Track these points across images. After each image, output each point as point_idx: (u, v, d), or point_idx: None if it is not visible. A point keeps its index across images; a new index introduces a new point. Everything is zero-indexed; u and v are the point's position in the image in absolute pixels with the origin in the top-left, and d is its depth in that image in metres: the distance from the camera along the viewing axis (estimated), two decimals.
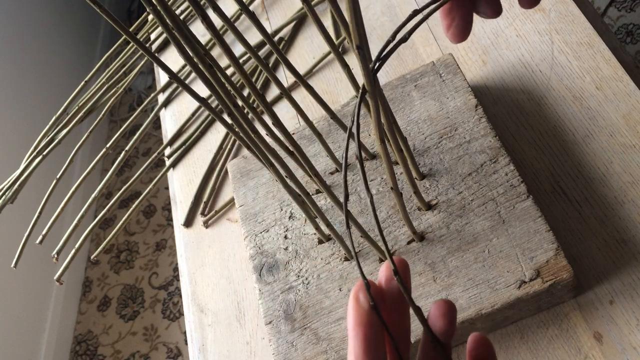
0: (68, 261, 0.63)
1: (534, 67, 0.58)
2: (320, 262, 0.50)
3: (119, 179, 2.01)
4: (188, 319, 0.60)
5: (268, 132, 0.42)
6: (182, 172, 0.71)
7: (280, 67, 0.74)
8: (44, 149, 0.73)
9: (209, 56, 0.35)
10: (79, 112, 0.76)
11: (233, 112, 0.37)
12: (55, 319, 1.70)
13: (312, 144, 0.57)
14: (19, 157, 0.77)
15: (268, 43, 0.41)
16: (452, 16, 0.34)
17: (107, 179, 0.69)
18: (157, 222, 1.87)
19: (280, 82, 0.43)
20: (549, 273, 0.43)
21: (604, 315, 0.45)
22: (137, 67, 0.81)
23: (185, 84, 0.39)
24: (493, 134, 0.50)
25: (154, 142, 2.05)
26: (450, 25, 0.35)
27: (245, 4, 0.42)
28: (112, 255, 1.85)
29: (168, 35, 0.32)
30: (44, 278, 1.66)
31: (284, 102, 0.70)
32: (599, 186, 0.50)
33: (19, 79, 1.83)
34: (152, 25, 0.86)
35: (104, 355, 1.68)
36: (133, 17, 2.42)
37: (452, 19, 0.34)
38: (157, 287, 1.74)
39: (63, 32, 2.15)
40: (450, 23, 0.35)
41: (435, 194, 0.49)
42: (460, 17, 0.34)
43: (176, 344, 1.62)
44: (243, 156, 0.60)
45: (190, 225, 0.66)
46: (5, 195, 0.69)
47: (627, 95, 0.53)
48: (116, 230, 0.66)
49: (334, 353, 0.45)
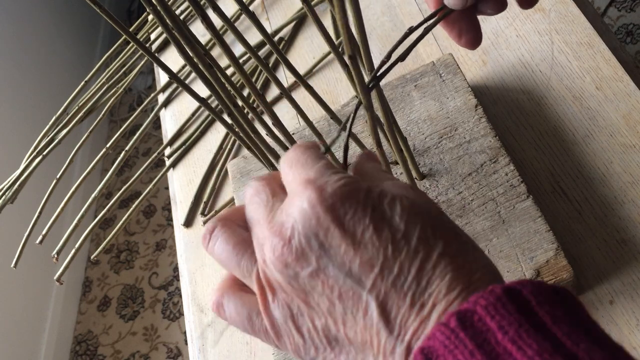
0: (68, 261, 0.63)
1: (534, 67, 0.58)
2: None
3: (119, 179, 2.01)
4: (188, 319, 0.60)
5: (268, 132, 0.42)
6: (182, 172, 0.71)
7: (280, 67, 0.74)
8: (44, 149, 0.73)
9: (209, 56, 0.35)
10: (79, 112, 0.76)
11: (233, 112, 0.37)
12: (55, 319, 1.70)
13: None
14: (19, 157, 0.77)
15: (268, 43, 0.41)
16: (457, 28, 0.34)
17: (107, 179, 0.69)
18: (157, 222, 1.87)
19: (280, 82, 0.43)
20: (549, 273, 0.43)
21: (604, 315, 0.45)
22: (137, 67, 0.81)
23: (185, 84, 0.39)
24: (493, 134, 0.50)
25: (154, 142, 2.05)
26: (460, 36, 0.34)
27: (245, 4, 0.42)
28: (112, 255, 1.85)
29: (168, 35, 0.32)
30: (44, 278, 1.66)
31: (284, 102, 0.70)
32: (599, 186, 0.50)
33: (19, 79, 1.83)
34: (152, 25, 0.86)
35: (104, 355, 1.68)
36: (133, 17, 2.42)
37: (458, 30, 0.34)
38: (157, 287, 1.74)
39: (63, 32, 2.15)
40: (459, 34, 0.34)
41: (435, 194, 0.49)
42: (466, 27, 0.34)
43: (176, 344, 1.62)
44: (243, 156, 0.60)
45: (190, 225, 0.66)
46: (5, 195, 0.69)
47: (627, 95, 0.53)
48: (116, 230, 0.66)
49: None
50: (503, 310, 0.21)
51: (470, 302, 0.22)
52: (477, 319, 0.21)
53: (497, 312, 0.21)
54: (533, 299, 0.22)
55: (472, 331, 0.21)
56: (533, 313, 0.21)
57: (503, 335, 0.20)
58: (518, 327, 0.20)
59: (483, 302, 0.21)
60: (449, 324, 0.22)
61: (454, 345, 0.21)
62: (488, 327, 0.21)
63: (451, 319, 0.22)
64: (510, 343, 0.20)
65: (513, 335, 0.20)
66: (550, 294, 0.22)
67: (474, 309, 0.21)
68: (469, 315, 0.21)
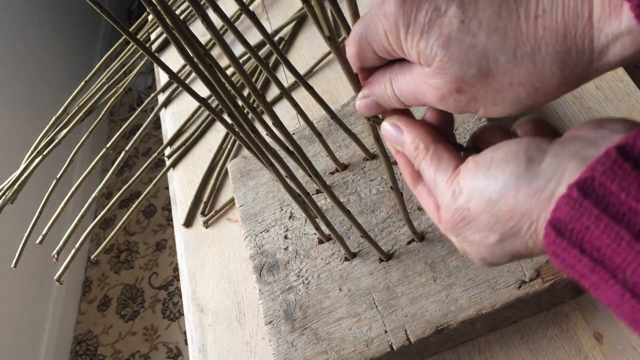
0: (68, 261, 0.63)
1: None
2: (320, 262, 0.50)
3: (119, 179, 2.01)
4: (188, 319, 0.60)
5: (268, 132, 0.42)
6: (182, 172, 0.71)
7: (280, 67, 0.74)
8: (44, 149, 0.73)
9: (209, 56, 0.35)
10: (79, 112, 0.76)
11: (233, 112, 0.37)
12: (55, 319, 1.70)
13: (312, 144, 0.57)
14: (19, 157, 0.77)
15: (268, 43, 0.41)
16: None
17: (107, 179, 0.69)
18: (157, 222, 1.87)
19: (280, 82, 0.43)
20: (549, 273, 0.43)
21: (604, 315, 0.45)
22: (137, 67, 0.81)
23: (185, 84, 0.39)
24: None
25: (154, 142, 2.05)
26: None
27: (245, 4, 0.42)
28: (112, 255, 1.85)
29: (168, 35, 0.32)
30: (44, 278, 1.66)
31: (284, 102, 0.70)
32: None
33: (19, 79, 1.84)
34: (152, 25, 0.86)
35: (104, 355, 1.68)
36: (133, 17, 2.42)
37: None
38: (157, 287, 1.74)
39: (63, 32, 2.15)
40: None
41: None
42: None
43: (176, 344, 1.62)
44: (243, 156, 0.60)
45: (190, 225, 0.66)
46: (5, 195, 0.69)
47: (627, 95, 0.53)
48: (116, 230, 0.66)
49: (334, 353, 0.45)
50: (621, 172, 0.21)
51: (588, 169, 0.22)
52: (597, 185, 0.22)
53: (616, 174, 0.22)
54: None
55: (595, 197, 0.22)
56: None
57: (626, 195, 0.21)
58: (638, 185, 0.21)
59: (600, 167, 0.22)
60: (571, 194, 0.22)
61: (579, 214, 0.22)
62: (610, 190, 0.21)
63: (572, 190, 0.22)
64: (635, 201, 0.21)
65: (635, 194, 0.21)
66: None
67: (593, 175, 0.22)
68: (589, 183, 0.22)
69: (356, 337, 0.45)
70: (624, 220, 0.21)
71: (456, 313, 0.44)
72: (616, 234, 0.21)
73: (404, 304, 0.45)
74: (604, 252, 0.21)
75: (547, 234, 0.23)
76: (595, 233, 0.21)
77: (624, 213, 0.21)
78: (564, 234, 0.22)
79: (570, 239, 0.22)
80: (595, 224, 0.21)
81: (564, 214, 0.22)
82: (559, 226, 0.23)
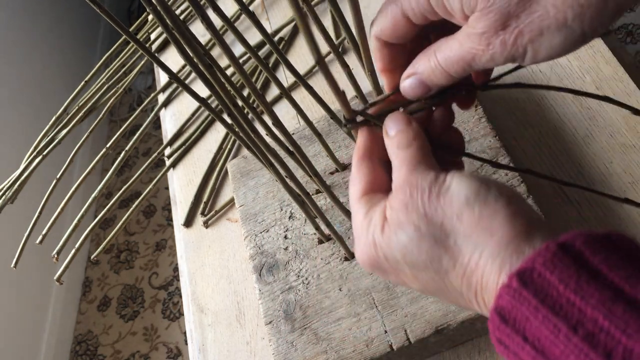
0: (68, 261, 0.63)
1: (534, 67, 0.58)
2: (320, 262, 0.50)
3: (119, 179, 2.01)
4: (188, 319, 0.60)
5: (268, 132, 0.42)
6: (182, 172, 0.71)
7: (280, 67, 0.74)
8: (44, 149, 0.73)
9: (209, 56, 0.35)
10: (79, 112, 0.76)
11: (233, 112, 0.37)
12: (55, 319, 1.70)
13: (312, 144, 0.57)
14: (19, 157, 0.77)
15: (268, 43, 0.41)
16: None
17: (107, 179, 0.69)
18: (157, 222, 1.87)
19: (280, 82, 0.43)
20: None
21: None
22: (137, 67, 0.81)
23: (185, 84, 0.39)
24: (493, 134, 0.50)
25: (154, 142, 2.05)
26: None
27: (245, 4, 0.42)
28: (112, 255, 1.85)
29: (168, 35, 0.32)
30: (44, 278, 1.66)
31: (284, 102, 0.70)
32: (599, 186, 0.50)
33: (19, 79, 1.84)
34: (152, 25, 0.86)
35: (104, 355, 1.68)
36: (133, 17, 2.42)
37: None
38: (157, 287, 1.74)
39: (63, 32, 2.15)
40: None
41: None
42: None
43: (176, 344, 1.62)
44: (243, 156, 0.60)
45: (190, 225, 0.66)
46: (5, 195, 0.69)
47: (627, 95, 0.53)
48: (116, 230, 0.66)
49: (334, 353, 0.45)
50: (561, 265, 0.22)
51: (528, 260, 0.23)
52: (536, 276, 0.22)
53: (555, 266, 0.22)
54: (587, 250, 0.22)
55: (534, 287, 0.22)
56: (589, 263, 0.22)
57: (565, 287, 0.21)
58: (578, 279, 0.21)
59: (541, 259, 0.22)
60: (511, 284, 0.23)
61: (519, 303, 0.22)
62: (549, 281, 0.22)
63: (512, 280, 0.23)
64: (573, 294, 0.21)
65: (574, 287, 0.21)
66: (603, 242, 0.23)
67: (533, 266, 0.22)
68: (528, 274, 0.22)
69: (356, 337, 0.45)
70: (561, 312, 0.21)
71: (456, 313, 0.44)
72: (554, 326, 0.21)
73: (404, 304, 0.45)
74: (544, 343, 0.21)
75: (492, 319, 0.24)
76: (535, 323, 0.22)
77: (561, 305, 0.21)
78: (507, 321, 0.23)
79: (514, 326, 0.23)
80: (534, 315, 0.22)
81: (506, 302, 0.23)
82: (503, 313, 0.23)
